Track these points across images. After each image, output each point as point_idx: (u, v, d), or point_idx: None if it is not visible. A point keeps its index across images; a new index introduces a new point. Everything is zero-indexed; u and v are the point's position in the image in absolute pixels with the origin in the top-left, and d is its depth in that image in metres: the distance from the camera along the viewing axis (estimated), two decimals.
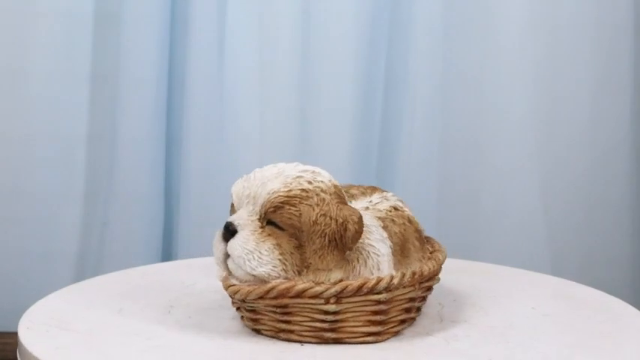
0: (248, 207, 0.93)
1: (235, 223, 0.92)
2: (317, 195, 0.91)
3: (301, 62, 1.70)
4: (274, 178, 0.93)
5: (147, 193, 1.72)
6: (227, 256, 0.92)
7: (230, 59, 1.68)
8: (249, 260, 0.90)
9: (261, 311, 0.93)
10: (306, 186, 0.92)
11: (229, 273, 0.93)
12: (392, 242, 0.94)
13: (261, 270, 0.90)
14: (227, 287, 0.93)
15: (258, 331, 0.95)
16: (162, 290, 1.10)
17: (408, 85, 1.70)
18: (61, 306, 1.03)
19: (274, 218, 0.91)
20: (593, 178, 1.75)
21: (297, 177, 0.93)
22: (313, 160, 1.71)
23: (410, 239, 0.97)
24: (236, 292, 0.92)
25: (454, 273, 1.14)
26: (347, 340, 0.92)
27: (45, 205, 1.69)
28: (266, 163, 1.67)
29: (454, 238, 1.71)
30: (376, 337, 0.93)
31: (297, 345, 0.92)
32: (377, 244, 0.93)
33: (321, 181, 0.93)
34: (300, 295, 0.90)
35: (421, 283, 0.95)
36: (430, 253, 1.00)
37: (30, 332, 0.95)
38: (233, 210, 0.96)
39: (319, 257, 0.90)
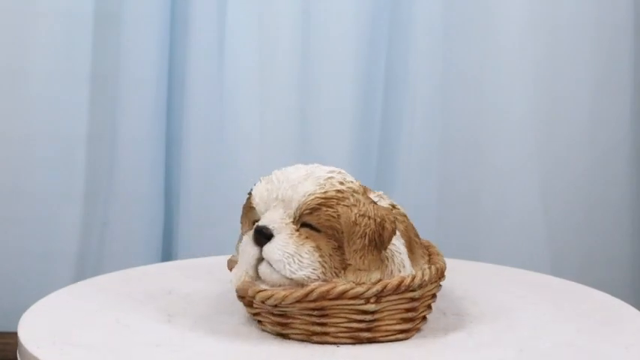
0: (277, 210, 0.91)
1: (270, 226, 0.90)
2: (352, 195, 0.91)
3: (301, 62, 1.70)
4: (304, 179, 0.93)
5: (147, 193, 1.72)
6: (259, 260, 0.91)
7: (230, 59, 1.68)
8: (289, 264, 0.89)
9: (293, 315, 0.92)
10: (339, 187, 0.92)
11: (256, 278, 0.91)
12: (402, 239, 0.95)
13: (302, 273, 0.89)
14: (256, 293, 0.90)
15: (284, 336, 0.93)
16: (163, 290, 1.09)
17: (408, 85, 1.70)
18: (61, 306, 1.03)
19: (310, 220, 0.90)
20: (593, 178, 1.75)
21: (329, 178, 0.92)
22: (313, 160, 1.72)
23: (412, 236, 0.98)
24: (268, 298, 0.90)
25: (454, 273, 1.14)
26: (381, 338, 0.92)
27: (45, 205, 1.69)
28: (266, 163, 1.70)
29: (454, 238, 1.71)
30: (406, 334, 0.93)
31: (331, 347, 0.91)
32: (396, 241, 0.93)
33: (351, 182, 0.93)
34: (340, 296, 0.89)
35: (440, 279, 0.96)
36: (426, 248, 1.01)
37: (30, 332, 0.95)
38: (250, 214, 0.94)
39: (360, 258, 0.90)
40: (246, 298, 0.93)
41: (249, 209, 0.95)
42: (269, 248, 0.90)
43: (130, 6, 1.67)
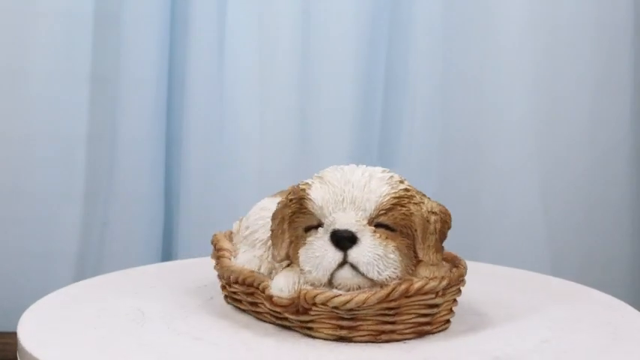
0: (349, 212, 0.90)
1: (353, 229, 0.89)
2: (416, 194, 0.93)
3: (301, 62, 1.70)
4: (369, 180, 0.92)
5: (147, 193, 1.72)
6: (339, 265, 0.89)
7: (230, 59, 1.68)
8: (377, 266, 0.88)
9: (364, 317, 0.90)
10: (404, 186, 0.92)
11: (328, 284, 0.90)
12: None
13: (386, 274, 0.89)
14: (329, 299, 0.88)
15: (345, 339, 0.91)
16: (163, 290, 1.10)
17: (408, 85, 1.71)
18: (61, 306, 1.03)
19: (386, 221, 0.90)
20: (593, 178, 1.75)
21: (391, 177, 0.93)
22: (313, 160, 1.72)
23: None
24: (346, 302, 0.88)
25: None
26: (435, 330, 0.94)
27: (45, 205, 1.69)
28: (266, 163, 1.70)
29: (454, 237, 1.70)
30: (449, 324, 0.96)
31: (397, 345, 0.92)
32: None
33: (406, 180, 0.94)
34: (418, 292, 0.90)
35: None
36: None
37: (29, 332, 0.95)
38: (301, 219, 0.92)
39: (433, 253, 0.91)
40: (299, 305, 0.91)
41: (296, 215, 0.93)
42: (358, 251, 0.89)
43: (130, 6, 1.68)
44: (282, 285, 0.91)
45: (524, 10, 1.69)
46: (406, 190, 0.92)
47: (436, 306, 0.93)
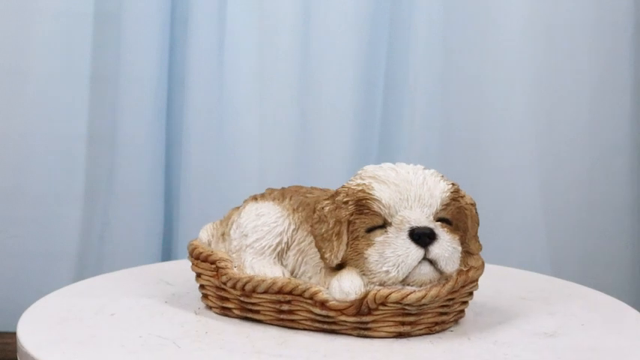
0: (415, 210, 0.92)
1: (431, 226, 0.91)
2: (458, 187, 0.96)
3: (301, 62, 1.70)
4: (428, 178, 0.94)
5: (147, 193, 1.72)
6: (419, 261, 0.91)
7: (230, 59, 1.68)
8: (453, 260, 0.92)
9: (425, 311, 0.93)
10: (451, 181, 0.96)
11: (401, 281, 0.91)
12: None
13: (455, 267, 0.93)
14: (404, 296, 0.90)
15: (403, 335, 0.93)
16: (163, 290, 1.09)
17: (408, 85, 1.70)
18: (60, 306, 1.03)
19: (445, 215, 0.94)
20: (593, 178, 1.74)
21: (436, 173, 0.96)
22: (313, 160, 1.72)
23: None
24: (422, 298, 0.91)
25: None
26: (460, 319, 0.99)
27: (45, 205, 1.69)
28: (266, 163, 1.70)
29: None
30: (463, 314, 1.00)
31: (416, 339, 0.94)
32: None
33: None
34: (471, 281, 0.95)
35: None
36: None
37: (29, 332, 0.95)
38: (362, 219, 0.92)
39: (476, 242, 0.97)
40: (362, 306, 0.92)
41: (355, 216, 0.93)
42: (439, 247, 0.91)
43: (130, 6, 1.67)
44: (347, 288, 0.91)
45: (524, 10, 1.69)
46: (453, 184, 0.96)
47: (472, 294, 0.98)
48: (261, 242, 0.98)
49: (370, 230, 0.92)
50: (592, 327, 0.99)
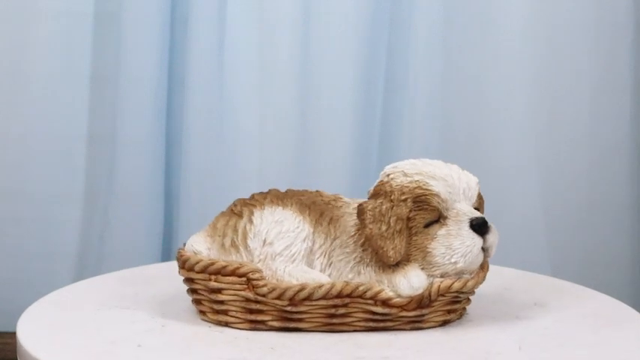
0: (463, 203, 0.97)
1: (484, 217, 0.97)
2: None
3: (301, 62, 1.70)
4: (461, 171, 0.99)
5: (147, 193, 1.72)
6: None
7: (230, 59, 1.68)
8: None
9: (464, 298, 0.99)
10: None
11: (459, 270, 0.95)
12: None
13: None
14: (463, 285, 0.95)
15: (449, 322, 0.98)
16: (163, 290, 1.09)
17: (408, 85, 1.70)
18: (60, 306, 1.03)
19: (475, 205, 0.99)
20: (593, 178, 1.74)
21: (459, 167, 1.00)
22: (313, 160, 1.72)
23: None
24: (475, 285, 0.97)
25: None
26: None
27: (45, 205, 1.69)
28: (266, 163, 1.70)
29: None
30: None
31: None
32: None
33: None
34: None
35: None
36: None
37: (29, 332, 0.95)
38: (421, 215, 0.95)
39: None
40: (424, 300, 0.95)
41: (414, 212, 0.95)
42: (493, 236, 0.97)
43: (130, 6, 1.67)
44: (417, 283, 0.94)
45: (524, 10, 1.69)
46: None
47: None
48: (291, 249, 0.96)
49: (427, 225, 0.95)
50: (591, 327, 0.99)
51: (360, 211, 0.95)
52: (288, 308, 0.94)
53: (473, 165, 1.71)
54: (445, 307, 0.97)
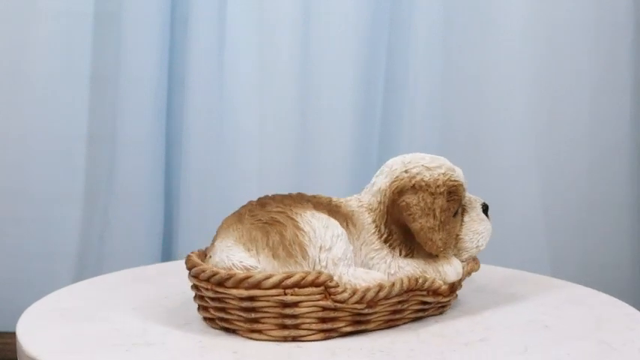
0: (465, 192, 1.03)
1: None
2: None
3: (301, 62, 1.70)
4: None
5: (147, 193, 1.72)
6: None
7: (230, 59, 1.68)
8: None
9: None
10: None
11: (479, 252, 1.03)
12: None
13: None
14: (478, 266, 1.03)
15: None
16: (163, 290, 1.09)
17: (408, 85, 1.71)
18: (60, 306, 1.03)
19: None
20: (593, 178, 1.74)
21: None
22: (313, 160, 1.72)
23: None
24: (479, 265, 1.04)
25: None
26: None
27: (45, 205, 1.69)
28: (266, 163, 1.70)
29: None
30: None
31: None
32: None
33: None
34: None
35: None
36: None
37: (29, 332, 0.95)
38: (452, 204, 1.00)
39: None
40: (455, 284, 1.00)
41: (449, 202, 1.00)
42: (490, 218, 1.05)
43: (130, 6, 1.68)
44: (459, 269, 1.00)
45: (524, 10, 1.69)
46: None
47: None
48: (347, 253, 0.94)
49: (454, 214, 1.01)
50: (591, 327, 0.99)
51: (406, 207, 0.97)
52: (365, 310, 0.93)
53: (473, 165, 1.73)
54: (457, 290, 1.02)
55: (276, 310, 0.91)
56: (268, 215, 0.95)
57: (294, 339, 0.92)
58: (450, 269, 0.99)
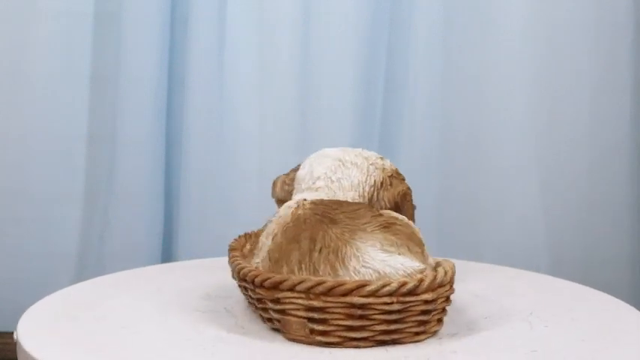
0: None
1: None
2: None
3: (301, 62, 1.70)
4: None
5: (147, 193, 1.72)
6: None
7: (230, 59, 1.68)
8: None
9: None
10: None
11: None
12: None
13: None
14: None
15: None
16: (163, 291, 1.10)
17: (408, 85, 1.71)
18: (60, 306, 1.03)
19: None
20: (593, 178, 1.74)
21: None
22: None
23: None
24: None
25: None
26: None
27: (45, 205, 1.69)
28: (266, 163, 1.70)
29: (454, 237, 1.71)
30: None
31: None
32: None
33: None
34: None
35: None
36: None
37: (29, 332, 0.95)
38: None
39: None
40: None
41: None
42: None
43: (130, 6, 1.68)
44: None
45: (524, 10, 1.69)
46: None
47: None
48: None
49: None
50: (591, 326, 0.99)
51: (405, 195, 0.98)
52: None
53: (473, 165, 1.73)
54: None
55: (384, 317, 0.89)
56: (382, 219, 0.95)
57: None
58: None
